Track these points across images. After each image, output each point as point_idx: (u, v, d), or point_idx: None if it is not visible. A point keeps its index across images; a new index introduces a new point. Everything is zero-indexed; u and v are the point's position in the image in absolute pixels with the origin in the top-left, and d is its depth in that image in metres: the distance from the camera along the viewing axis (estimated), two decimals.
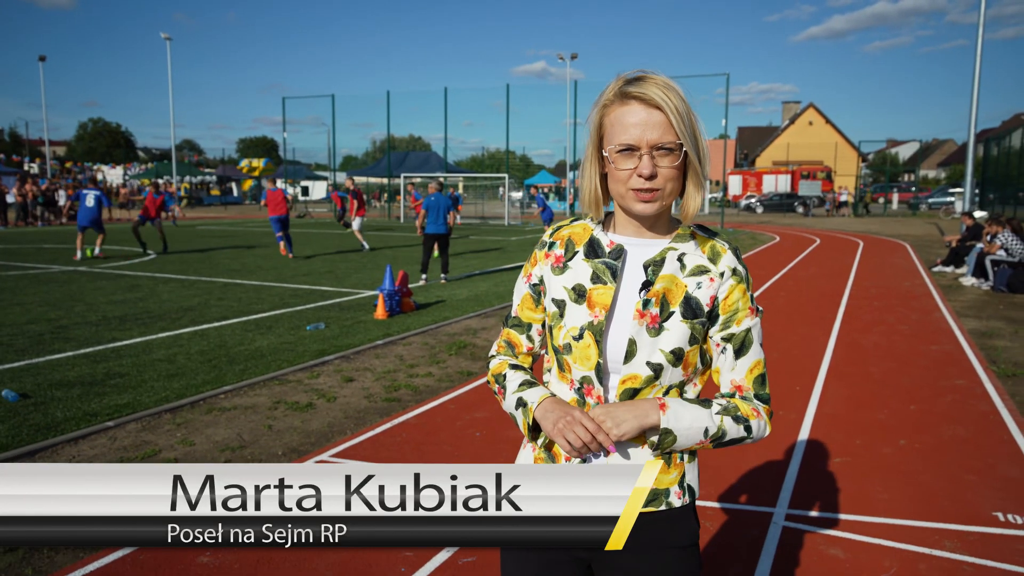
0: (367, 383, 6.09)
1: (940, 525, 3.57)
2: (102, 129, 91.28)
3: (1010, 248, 12.05)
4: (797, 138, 60.99)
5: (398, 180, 36.76)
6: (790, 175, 50.76)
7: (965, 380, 6.30)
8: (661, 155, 1.39)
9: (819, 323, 8.89)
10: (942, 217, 36.27)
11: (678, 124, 1.38)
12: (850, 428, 5.03)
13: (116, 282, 11.92)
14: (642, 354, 1.44)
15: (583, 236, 1.55)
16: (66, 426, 4.87)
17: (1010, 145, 34.99)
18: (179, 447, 4.57)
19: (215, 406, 5.39)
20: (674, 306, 1.45)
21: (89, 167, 63.36)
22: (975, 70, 21.07)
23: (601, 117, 1.45)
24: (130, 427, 4.93)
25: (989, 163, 40.63)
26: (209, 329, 8.10)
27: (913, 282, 12.80)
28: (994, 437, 4.86)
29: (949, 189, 45.07)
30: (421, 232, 12.58)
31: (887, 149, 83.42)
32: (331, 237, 23.11)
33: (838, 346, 7.61)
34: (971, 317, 9.39)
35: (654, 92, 1.37)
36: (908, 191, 51.49)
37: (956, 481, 4.12)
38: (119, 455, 4.43)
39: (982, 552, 3.31)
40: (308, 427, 5.00)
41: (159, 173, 58.42)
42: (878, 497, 3.91)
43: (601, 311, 1.46)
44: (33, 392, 5.58)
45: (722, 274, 1.47)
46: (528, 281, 1.61)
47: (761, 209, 44.83)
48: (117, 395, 5.55)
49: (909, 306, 10.19)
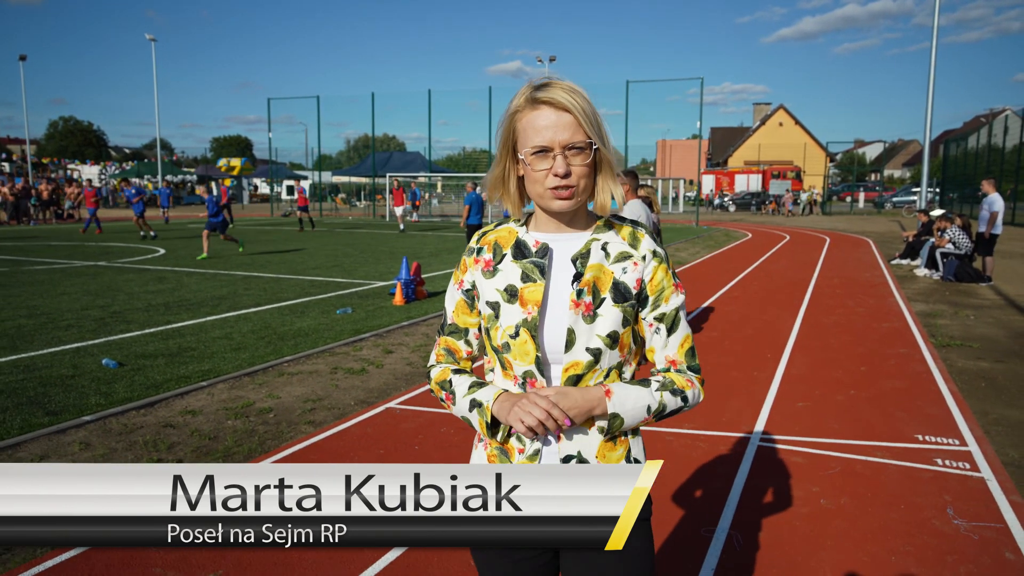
0: (405, 354, 7.13)
1: (874, 443, 4.72)
2: (73, 127, 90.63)
3: (957, 242, 13.39)
4: (768, 139, 62.89)
5: (382, 179, 37.63)
6: (761, 175, 52.46)
7: (907, 349, 7.50)
8: (573, 154, 1.47)
9: (787, 307, 10.08)
10: (904, 215, 37.97)
11: (586, 124, 1.47)
12: (811, 383, 6.19)
13: (142, 275, 12.81)
14: (581, 341, 1.51)
15: (509, 239, 1.62)
16: (167, 386, 5.86)
17: (967, 146, 36.89)
18: (268, 400, 5.59)
19: (283, 372, 6.41)
20: (604, 292, 1.53)
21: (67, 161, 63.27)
22: (930, 77, 22.51)
23: (513, 123, 1.53)
24: (220, 387, 5.93)
25: (949, 163, 42.59)
26: (250, 313, 9.08)
27: (873, 273, 14.09)
28: (924, 388, 6.05)
29: (912, 188, 46.94)
30: (464, 225, 15.38)
31: (854, 149, 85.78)
32: (316, 235, 23.98)
33: (803, 325, 8.80)
34: (920, 302, 10.66)
35: (561, 96, 1.46)
36: (873, 190, 53.45)
37: (890, 416, 5.29)
38: (220, 406, 5.43)
39: (901, 457, 4.47)
40: (367, 385, 6.03)
41: (140, 173, 58.62)
42: (830, 426, 5.06)
43: (534, 307, 1.53)
44: (126, 362, 6.55)
45: (644, 257, 1.56)
46: (460, 287, 1.66)
47: (733, 208, 46.39)
48: (197, 363, 6.54)
49: (867, 293, 11.44)
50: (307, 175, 63.95)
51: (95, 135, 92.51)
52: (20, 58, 44.37)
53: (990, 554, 3.30)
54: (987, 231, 12.97)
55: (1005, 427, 5.10)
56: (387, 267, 14.47)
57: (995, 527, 3.56)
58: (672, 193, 47.21)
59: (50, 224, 29.72)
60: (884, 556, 3.28)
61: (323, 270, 13.94)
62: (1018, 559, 3.25)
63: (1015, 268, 14.72)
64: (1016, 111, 27.69)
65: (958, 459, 4.44)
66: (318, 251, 18.12)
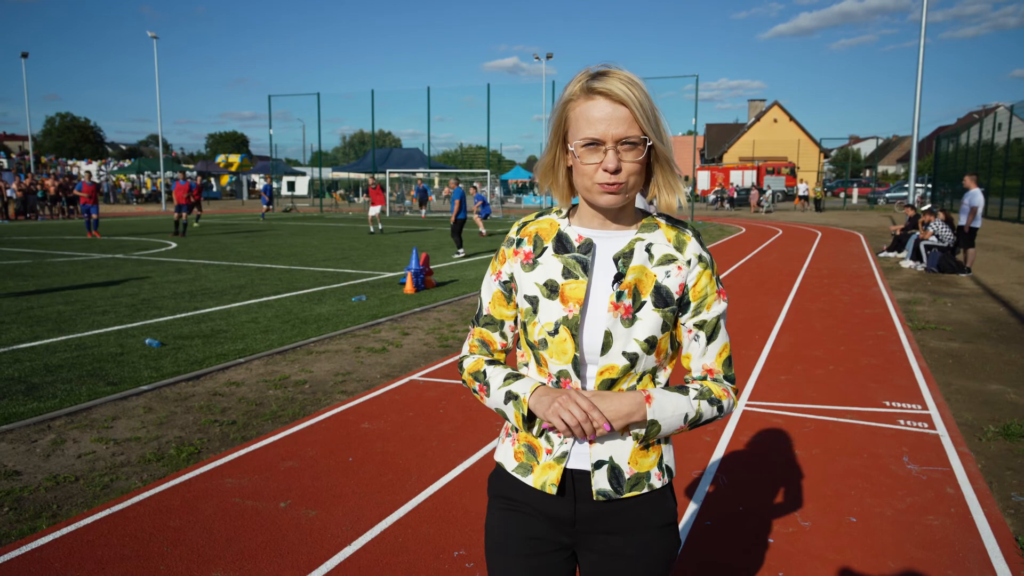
0: (421, 336, 7.72)
1: (846, 408, 5.33)
2: (70, 124, 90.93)
3: (940, 235, 14.02)
4: (762, 135, 63.57)
5: (382, 175, 38.19)
6: (756, 170, 53.14)
7: (885, 332, 8.12)
8: (626, 149, 1.41)
9: (776, 294, 10.70)
10: (896, 210, 38.65)
11: (642, 119, 1.40)
12: (793, 359, 6.79)
13: (161, 267, 13.38)
14: (618, 345, 1.47)
15: (550, 231, 1.57)
16: (207, 362, 6.44)
17: (959, 142, 37.54)
18: (302, 373, 6.17)
19: (311, 351, 6.99)
20: (645, 296, 1.48)
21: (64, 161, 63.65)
22: (918, 74, 23.07)
23: (566, 112, 1.47)
24: (256, 363, 6.51)
25: (941, 159, 43.24)
26: (271, 301, 9.66)
27: (860, 265, 14.71)
28: (896, 364, 6.65)
29: (905, 184, 47.63)
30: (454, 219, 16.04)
31: (849, 145, 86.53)
32: (321, 229, 24.56)
33: (790, 310, 9.41)
34: (902, 291, 11.28)
35: (618, 88, 1.40)
36: (867, 186, 54.16)
37: (863, 387, 5.89)
38: (259, 379, 6.01)
39: (869, 419, 5.08)
40: (390, 362, 6.62)
41: (140, 169, 59.05)
42: (808, 394, 5.66)
43: (575, 305, 1.48)
44: (166, 342, 7.12)
45: (689, 262, 1.50)
46: (497, 279, 1.62)
47: (728, 204, 47.06)
48: (231, 343, 7.13)
49: (853, 283, 12.06)
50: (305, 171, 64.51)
51: (92, 131, 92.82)
52: (22, 55, 44.76)
53: (935, 489, 3.91)
54: (967, 224, 13.60)
55: (964, 396, 5.71)
56: (393, 259, 15.05)
57: (942, 470, 4.17)
58: None
59: (57, 220, 30.22)
60: (846, 491, 3.88)
61: (333, 262, 14.52)
62: (956, 493, 3.86)
63: (996, 260, 15.36)
64: (1008, 107, 28.29)
65: (918, 420, 5.05)
66: (325, 245, 18.69)
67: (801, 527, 3.48)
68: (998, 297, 10.70)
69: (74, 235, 21.10)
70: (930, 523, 3.52)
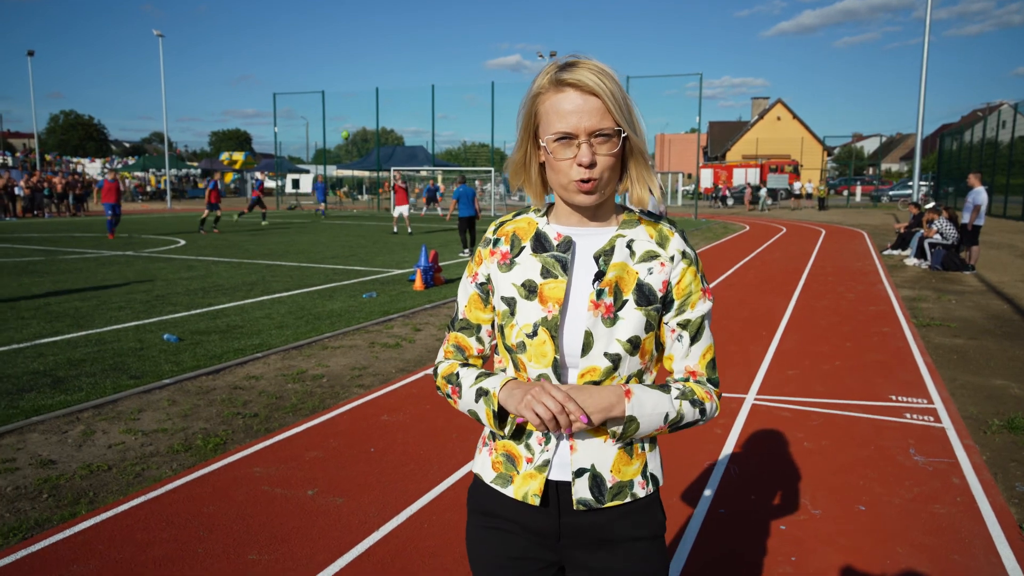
0: (433, 331, 7.85)
1: (853, 402, 5.45)
2: (74, 122, 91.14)
3: (944, 232, 14.12)
4: (765, 133, 63.64)
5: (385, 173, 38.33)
6: (759, 168, 53.19)
7: (890, 328, 8.23)
8: (600, 142, 1.35)
9: (782, 292, 10.81)
10: (900, 208, 38.71)
11: (615, 109, 1.35)
12: (800, 355, 6.91)
13: (171, 264, 13.52)
14: (599, 345, 1.41)
15: (528, 231, 1.52)
16: (226, 356, 6.58)
17: (963, 140, 37.59)
18: (319, 368, 6.31)
19: (326, 346, 7.12)
20: (627, 294, 1.42)
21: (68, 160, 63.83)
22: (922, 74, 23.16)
23: (536, 106, 1.41)
24: (272, 358, 6.64)
25: (945, 157, 43.28)
26: (283, 297, 9.80)
27: (865, 263, 14.82)
28: (902, 360, 6.77)
29: (908, 182, 47.67)
30: (449, 218, 16.45)
31: (852, 143, 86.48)
32: (326, 227, 24.69)
33: (796, 308, 9.52)
34: (907, 288, 11.39)
35: (589, 78, 1.33)
36: (871, 184, 54.19)
37: (869, 382, 6.01)
38: (278, 373, 6.15)
39: (876, 412, 5.20)
40: (404, 357, 6.75)
41: (145, 167, 59.24)
42: (815, 389, 5.78)
43: (555, 305, 1.43)
44: (184, 338, 7.26)
45: (672, 258, 1.45)
46: (474, 281, 1.55)
47: (732, 201, 47.17)
48: (248, 339, 7.26)
49: (858, 280, 12.17)
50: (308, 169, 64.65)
51: (96, 129, 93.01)
52: (28, 53, 44.96)
53: (940, 479, 4.03)
54: (970, 222, 13.70)
55: (969, 390, 5.83)
56: (401, 257, 15.19)
57: (947, 462, 4.29)
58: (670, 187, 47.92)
59: (64, 217, 30.40)
60: (855, 481, 4.01)
61: (341, 259, 14.65)
62: (962, 482, 3.99)
63: (1000, 258, 15.46)
64: (1012, 105, 28.33)
65: (924, 414, 5.17)
66: (332, 242, 18.83)
67: (812, 515, 3.60)
68: (1002, 294, 10.81)
69: (83, 232, 21.25)
70: (937, 511, 3.64)
